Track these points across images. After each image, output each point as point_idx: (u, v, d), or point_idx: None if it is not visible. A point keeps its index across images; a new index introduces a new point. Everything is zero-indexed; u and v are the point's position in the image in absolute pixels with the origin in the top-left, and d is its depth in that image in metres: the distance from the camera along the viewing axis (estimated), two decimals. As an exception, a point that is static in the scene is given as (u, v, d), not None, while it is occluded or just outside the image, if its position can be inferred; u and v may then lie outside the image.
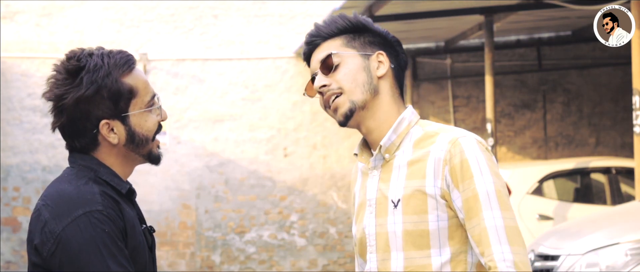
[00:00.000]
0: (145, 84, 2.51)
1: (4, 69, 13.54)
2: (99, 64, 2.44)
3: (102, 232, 2.33)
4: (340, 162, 13.99)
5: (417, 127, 2.51)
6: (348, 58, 2.51)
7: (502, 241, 2.35)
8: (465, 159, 2.40)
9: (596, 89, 14.54)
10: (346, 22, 2.54)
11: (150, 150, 2.53)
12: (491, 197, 2.38)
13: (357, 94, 2.50)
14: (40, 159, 13.58)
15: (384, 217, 2.46)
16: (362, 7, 10.01)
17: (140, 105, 2.48)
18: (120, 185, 2.48)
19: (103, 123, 2.44)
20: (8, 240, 13.55)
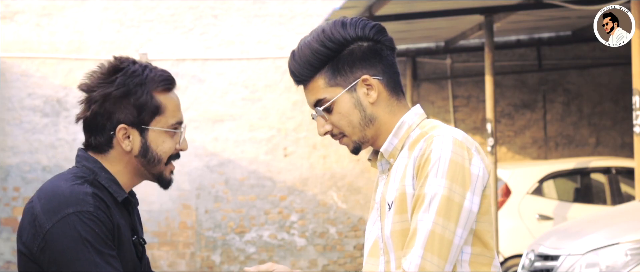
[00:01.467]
0: (175, 108, 2.54)
1: (4, 69, 13.55)
2: (138, 71, 2.49)
3: (92, 231, 2.34)
4: (340, 162, 13.99)
5: (417, 129, 2.49)
6: (336, 100, 2.49)
7: (421, 245, 2.31)
8: (428, 158, 2.36)
9: (596, 89, 14.54)
10: (319, 56, 2.49)
11: (161, 172, 2.56)
12: (434, 200, 2.32)
13: (357, 134, 2.50)
14: (40, 159, 13.58)
15: (384, 220, 2.48)
16: (362, 7, 10.02)
17: (163, 124, 2.51)
18: (117, 192, 2.49)
19: (121, 127, 2.47)
20: (8, 240, 13.56)
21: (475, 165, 2.38)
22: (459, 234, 2.33)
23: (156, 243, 13.65)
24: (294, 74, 2.56)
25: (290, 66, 2.56)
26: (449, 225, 2.31)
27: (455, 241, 2.32)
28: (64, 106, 13.60)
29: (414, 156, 2.40)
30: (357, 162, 14.00)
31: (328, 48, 2.47)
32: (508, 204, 10.52)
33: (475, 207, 2.36)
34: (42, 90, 13.58)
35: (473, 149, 2.41)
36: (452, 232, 2.31)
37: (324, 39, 2.48)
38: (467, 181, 2.35)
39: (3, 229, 13.53)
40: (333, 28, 2.48)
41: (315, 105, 2.53)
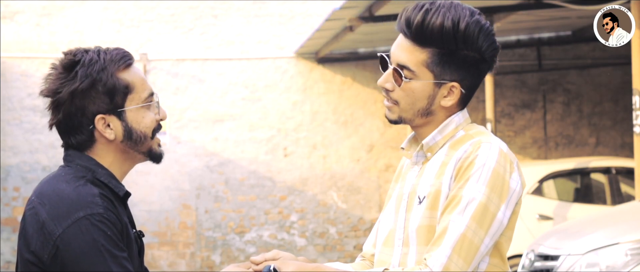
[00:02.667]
0: (142, 81, 2.48)
1: (4, 69, 13.55)
2: (95, 58, 2.41)
3: (105, 235, 2.30)
4: (340, 162, 13.99)
5: (462, 131, 2.49)
6: (419, 82, 2.45)
7: (449, 245, 2.31)
8: (473, 162, 2.36)
9: (596, 89, 14.54)
10: (449, 37, 2.40)
11: (150, 147, 2.49)
12: (471, 205, 2.32)
13: (409, 114, 2.49)
14: (40, 159, 13.58)
15: (411, 212, 2.47)
16: (363, 7, 10.01)
17: (137, 101, 2.44)
18: (118, 188, 2.44)
19: (98, 118, 2.41)
20: (8, 240, 13.55)
21: (514, 179, 2.38)
22: (486, 243, 2.34)
23: (156, 243, 13.65)
24: (410, 26, 2.46)
25: (412, 16, 2.46)
26: (479, 232, 2.32)
27: (482, 248, 2.33)
28: (64, 106, 13.59)
29: (456, 157, 2.40)
30: (357, 162, 14.00)
31: (456, 39, 2.41)
32: (508, 204, 10.52)
33: (506, 220, 2.37)
34: (42, 90, 13.57)
35: (515, 163, 2.42)
36: (481, 239, 2.32)
37: (462, 28, 2.40)
38: (505, 194, 2.36)
39: (3, 229, 13.53)
40: (470, 25, 2.41)
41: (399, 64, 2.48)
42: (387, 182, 14.04)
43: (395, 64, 2.48)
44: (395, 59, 2.49)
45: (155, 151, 2.51)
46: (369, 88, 14.04)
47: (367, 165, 14.03)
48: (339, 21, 10.75)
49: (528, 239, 9.78)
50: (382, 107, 14.05)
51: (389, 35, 12.46)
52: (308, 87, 14.00)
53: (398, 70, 2.47)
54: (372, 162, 14.03)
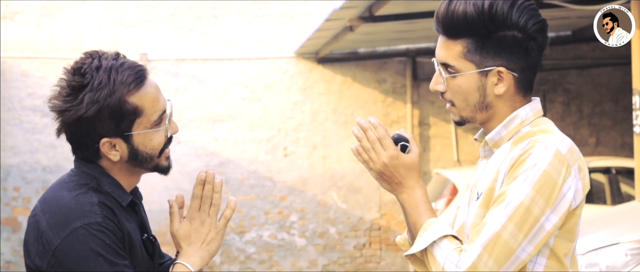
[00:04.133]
0: (153, 102, 2.41)
1: (4, 69, 13.55)
2: (104, 81, 2.34)
3: (103, 243, 2.27)
4: (340, 162, 13.99)
5: (528, 126, 2.40)
6: (463, 75, 2.39)
7: (481, 243, 2.23)
8: (524, 161, 2.28)
9: (596, 89, 14.54)
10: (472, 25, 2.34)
11: (156, 164, 2.47)
12: (512, 204, 2.24)
13: (467, 112, 2.45)
14: (40, 159, 13.58)
15: (470, 206, 2.43)
16: (363, 7, 10.01)
17: (145, 125, 2.40)
18: (122, 197, 2.42)
19: (104, 141, 2.38)
20: (8, 240, 13.55)
21: (568, 184, 2.29)
22: (524, 247, 2.25)
23: (156, 243, 13.66)
24: (439, 21, 2.41)
25: (439, 11, 2.40)
26: (517, 235, 2.23)
27: (518, 252, 2.24)
28: (64, 106, 13.59)
29: (513, 154, 2.33)
30: (357, 162, 14.00)
31: (484, 23, 2.34)
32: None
33: (549, 225, 2.26)
34: (42, 90, 13.58)
35: (574, 166, 2.32)
36: (518, 243, 2.23)
37: (487, 10, 2.34)
38: (553, 198, 2.26)
39: (3, 229, 13.53)
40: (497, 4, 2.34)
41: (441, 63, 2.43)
42: (387, 182, 14.05)
43: (439, 64, 2.44)
44: (438, 59, 2.44)
45: (161, 166, 2.50)
46: (369, 88, 14.04)
47: (367, 165, 14.01)
48: (339, 21, 10.75)
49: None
50: (382, 107, 14.05)
51: (389, 35, 12.45)
52: (308, 87, 14.01)
53: (440, 68, 2.43)
54: (372, 162, 14.02)
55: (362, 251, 14.06)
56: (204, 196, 2.46)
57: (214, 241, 2.43)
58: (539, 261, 2.32)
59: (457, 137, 14.14)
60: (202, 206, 2.44)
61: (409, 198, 2.41)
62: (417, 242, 2.33)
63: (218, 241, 2.44)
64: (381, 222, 14.09)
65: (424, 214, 2.38)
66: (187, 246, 2.41)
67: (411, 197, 2.41)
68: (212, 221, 2.45)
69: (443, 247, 2.28)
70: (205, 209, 2.45)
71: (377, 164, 2.42)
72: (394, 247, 14.11)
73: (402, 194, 2.43)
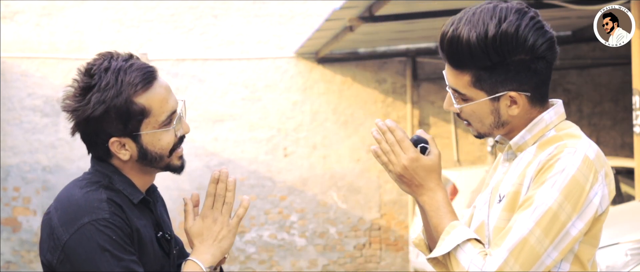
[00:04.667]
0: (161, 103, 2.43)
1: (4, 69, 13.55)
2: (111, 83, 2.38)
3: (109, 239, 2.30)
4: (340, 162, 13.99)
5: (553, 130, 2.39)
6: (474, 103, 2.35)
7: (508, 248, 2.20)
8: (552, 166, 2.25)
9: (596, 89, 14.55)
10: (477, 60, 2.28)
11: (168, 164, 2.49)
12: (539, 209, 2.21)
13: (484, 130, 2.41)
14: (40, 159, 13.58)
15: (492, 208, 2.40)
16: (363, 7, 10.02)
17: (153, 125, 2.42)
18: (133, 195, 2.44)
19: (113, 141, 2.42)
20: (8, 240, 13.55)
21: (595, 190, 2.26)
22: (549, 253, 2.22)
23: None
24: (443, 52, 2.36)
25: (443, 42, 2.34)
26: (544, 240, 2.21)
27: (543, 257, 2.22)
28: (64, 106, 13.59)
29: (540, 159, 2.30)
30: (357, 162, 14.00)
31: (488, 55, 2.28)
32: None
33: (574, 231, 2.24)
34: (42, 90, 13.58)
35: (601, 172, 2.29)
36: (544, 248, 2.21)
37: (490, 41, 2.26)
38: (580, 204, 2.24)
39: (3, 229, 13.53)
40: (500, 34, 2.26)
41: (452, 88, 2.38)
42: (387, 182, 14.05)
43: (450, 87, 2.39)
44: (448, 84, 2.40)
45: (173, 165, 2.50)
46: (369, 88, 14.04)
47: (367, 165, 14.03)
48: (339, 21, 10.75)
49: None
50: (382, 107, 14.05)
51: (389, 35, 12.46)
52: (308, 87, 14.01)
53: (452, 91, 2.39)
54: (372, 162, 14.02)
55: (362, 251, 14.06)
56: (217, 194, 2.50)
57: (226, 239, 2.48)
58: (563, 267, 2.29)
59: (457, 137, 14.14)
60: (215, 204, 2.49)
61: (429, 200, 2.39)
62: (440, 245, 2.31)
63: (230, 238, 2.49)
64: (381, 222, 14.10)
65: (445, 217, 2.35)
66: (199, 243, 2.45)
67: (432, 200, 2.38)
68: (225, 219, 2.48)
69: (467, 251, 2.26)
70: (218, 207, 2.49)
71: (396, 167, 2.42)
72: (393, 247, 14.11)
73: (422, 196, 2.41)
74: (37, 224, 13.56)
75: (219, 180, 2.49)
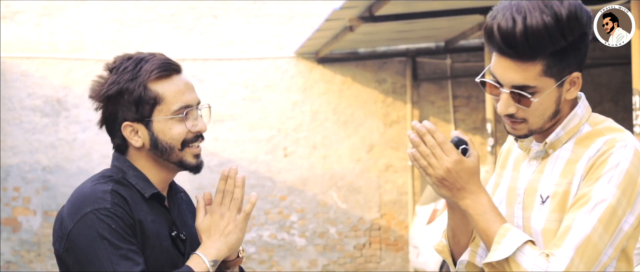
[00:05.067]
0: (176, 93, 2.50)
1: (4, 69, 13.55)
2: (129, 68, 2.46)
3: (109, 227, 2.35)
4: (340, 162, 13.99)
5: (587, 125, 2.32)
6: (544, 93, 2.25)
7: (573, 246, 2.15)
8: (606, 161, 2.19)
9: (596, 89, 14.55)
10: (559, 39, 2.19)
11: (180, 159, 2.51)
12: (600, 206, 2.16)
13: (539, 124, 2.30)
14: (40, 159, 13.58)
15: (530, 211, 2.32)
16: (363, 7, 10.02)
17: (165, 112, 2.47)
18: (145, 189, 2.48)
19: (125, 125, 2.47)
20: (8, 240, 13.55)
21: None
22: (606, 250, 2.19)
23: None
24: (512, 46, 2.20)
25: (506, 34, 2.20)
26: (604, 236, 2.17)
27: (602, 254, 2.18)
28: (64, 106, 13.60)
29: (588, 155, 2.23)
30: (357, 162, 14.01)
31: (564, 35, 2.20)
32: (508, 204, 10.54)
33: (626, 227, 2.20)
34: (42, 90, 13.58)
35: None
36: (605, 244, 2.17)
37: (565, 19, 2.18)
38: (633, 198, 2.20)
39: (3, 229, 13.53)
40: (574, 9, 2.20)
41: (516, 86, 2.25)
42: (387, 182, 14.05)
43: (511, 87, 2.26)
44: (508, 82, 2.26)
45: (186, 162, 2.53)
46: (369, 88, 14.04)
47: (367, 165, 14.03)
48: (339, 21, 10.76)
49: (528, 239, 9.78)
50: (382, 106, 14.05)
51: (389, 35, 12.46)
52: (308, 87, 14.01)
53: (515, 91, 2.26)
54: (372, 162, 14.03)
55: (362, 251, 14.06)
56: (226, 190, 2.52)
57: (232, 234, 2.49)
58: (612, 263, 2.26)
59: (457, 137, 14.13)
60: (224, 200, 2.51)
61: (474, 204, 2.28)
62: (497, 249, 2.21)
63: (236, 234, 2.50)
64: (381, 222, 14.10)
65: (494, 221, 2.26)
66: (206, 238, 2.47)
67: (476, 203, 2.28)
68: (232, 215, 2.50)
69: (527, 253, 2.18)
70: (226, 203, 2.51)
71: (438, 170, 2.30)
72: (393, 247, 14.11)
73: (464, 200, 2.29)
74: (37, 224, 13.56)
75: (228, 177, 2.51)
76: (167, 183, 2.58)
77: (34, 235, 13.54)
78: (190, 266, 2.42)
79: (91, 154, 13.49)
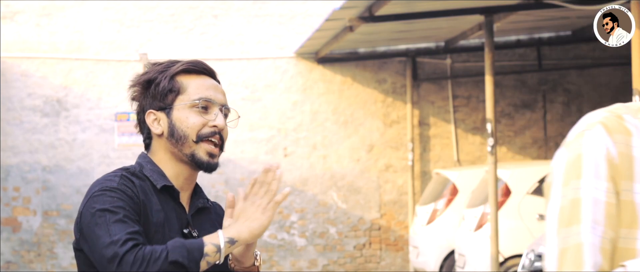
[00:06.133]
0: (199, 87, 2.58)
1: (4, 69, 13.55)
2: (164, 64, 2.59)
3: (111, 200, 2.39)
4: (340, 162, 13.99)
5: None
6: None
7: None
8: None
9: (596, 89, 14.55)
10: None
11: (193, 152, 2.56)
12: None
13: None
14: (40, 159, 13.58)
15: None
16: (363, 7, 10.02)
17: (185, 101, 2.53)
18: (157, 180, 2.52)
19: (148, 112, 2.54)
20: (8, 240, 13.56)
21: None
22: None
23: (156, 243, 13.67)
24: None
25: None
26: None
27: None
28: (64, 106, 13.60)
29: None
30: (357, 162, 14.01)
31: None
32: (508, 204, 10.53)
33: None
34: (42, 90, 13.58)
35: None
36: None
37: None
38: None
39: (3, 229, 13.53)
40: None
41: None
42: (387, 182, 14.04)
43: None
44: None
45: (198, 158, 2.58)
46: (368, 88, 14.04)
47: (367, 165, 14.03)
48: (339, 21, 10.76)
49: (528, 239, 9.79)
50: (381, 106, 14.04)
51: (389, 35, 12.46)
52: (308, 87, 14.01)
53: None
54: (372, 162, 14.03)
55: (362, 251, 14.07)
56: (263, 181, 2.57)
57: (257, 221, 2.50)
58: None
59: (457, 137, 14.14)
60: (260, 190, 2.56)
61: None
62: None
63: (260, 221, 2.51)
64: (381, 222, 14.10)
65: None
66: (234, 222, 2.51)
67: None
68: (262, 203, 2.54)
69: None
70: (261, 193, 2.56)
71: None
72: (393, 247, 14.12)
73: None
74: (37, 224, 13.57)
75: (269, 170, 2.57)
76: (185, 181, 2.62)
77: (34, 235, 13.55)
78: (204, 239, 2.43)
79: (91, 154, 13.50)
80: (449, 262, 11.52)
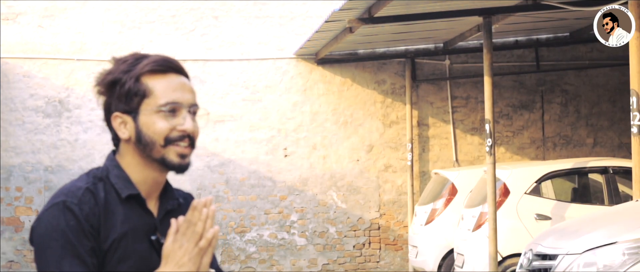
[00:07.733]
0: (166, 89, 2.45)
1: (6, 70, 13.60)
2: (128, 61, 2.45)
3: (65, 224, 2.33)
4: (340, 162, 14.05)
5: None
6: None
7: None
8: None
9: (594, 90, 14.61)
10: None
11: (162, 156, 2.45)
12: None
13: None
14: (42, 159, 13.63)
15: None
16: (362, 8, 10.07)
17: (152, 106, 2.41)
18: (122, 189, 2.45)
19: (115, 115, 2.44)
20: (10, 240, 13.61)
21: None
22: None
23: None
24: None
25: None
26: None
27: None
28: (66, 107, 13.66)
29: None
30: (357, 163, 14.07)
31: None
32: (506, 204, 10.58)
33: None
34: (44, 91, 13.64)
35: None
36: None
37: None
38: None
39: (5, 229, 13.59)
40: None
41: None
42: (387, 182, 14.11)
43: None
44: None
45: (169, 160, 2.47)
46: (368, 89, 14.10)
47: (366, 165, 14.09)
48: (339, 22, 10.81)
49: (526, 238, 9.85)
50: (381, 107, 14.10)
51: (388, 36, 12.52)
52: (308, 88, 14.07)
53: None
54: (372, 162, 14.10)
55: (361, 251, 14.13)
56: (191, 221, 2.42)
57: (185, 266, 2.39)
58: None
59: (455, 137, 14.21)
60: (187, 230, 2.42)
61: None
62: None
63: (189, 267, 2.39)
64: (381, 221, 14.16)
65: None
66: (164, 265, 2.41)
67: None
68: (189, 246, 2.41)
69: None
70: (188, 233, 2.42)
71: None
72: (393, 247, 14.18)
73: None
74: (39, 224, 13.61)
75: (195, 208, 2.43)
76: (154, 184, 2.53)
77: (36, 235, 13.59)
78: None
79: (93, 154, 13.56)
80: (447, 262, 11.57)
